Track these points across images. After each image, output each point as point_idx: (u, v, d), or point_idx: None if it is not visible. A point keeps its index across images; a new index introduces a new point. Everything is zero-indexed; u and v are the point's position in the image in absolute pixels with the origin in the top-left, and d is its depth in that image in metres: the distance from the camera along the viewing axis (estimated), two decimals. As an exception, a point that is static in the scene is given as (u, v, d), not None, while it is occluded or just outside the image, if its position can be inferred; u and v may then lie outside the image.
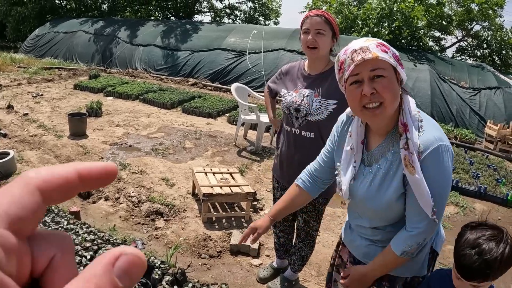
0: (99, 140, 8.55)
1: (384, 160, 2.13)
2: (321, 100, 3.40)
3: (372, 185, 2.18)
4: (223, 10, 33.77)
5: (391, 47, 1.97)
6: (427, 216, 1.99)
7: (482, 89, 13.94)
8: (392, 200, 2.11)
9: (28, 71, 16.57)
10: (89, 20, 23.59)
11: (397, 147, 2.04)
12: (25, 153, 7.50)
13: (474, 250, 2.00)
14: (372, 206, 2.21)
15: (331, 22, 3.36)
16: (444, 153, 1.95)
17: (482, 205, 7.47)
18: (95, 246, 4.39)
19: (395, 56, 1.95)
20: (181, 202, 6.08)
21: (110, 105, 11.81)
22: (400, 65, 1.95)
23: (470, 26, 25.15)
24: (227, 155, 8.38)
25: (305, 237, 4.05)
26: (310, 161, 3.18)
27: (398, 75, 1.98)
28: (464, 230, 2.14)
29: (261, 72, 15.77)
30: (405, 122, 1.95)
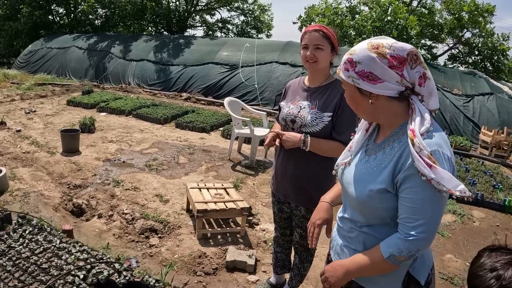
0: (92, 157, 8.49)
1: (382, 152, 2.19)
2: (317, 112, 3.45)
3: (362, 172, 2.26)
4: (215, 24, 33.91)
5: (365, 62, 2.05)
6: (424, 223, 1.97)
7: (475, 96, 14.01)
8: (373, 190, 2.13)
9: (21, 87, 16.56)
10: (82, 35, 23.62)
11: (396, 144, 2.12)
12: (18, 170, 7.44)
13: (492, 273, 1.85)
14: (355, 192, 2.25)
15: (330, 36, 3.38)
16: (441, 159, 1.95)
17: (479, 212, 7.45)
18: (89, 266, 4.33)
19: (363, 72, 2.05)
20: (176, 219, 6.02)
21: (103, 121, 11.77)
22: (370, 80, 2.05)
23: (461, 33, 25.28)
24: (221, 169, 8.33)
25: (302, 252, 4.02)
26: (303, 174, 3.50)
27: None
28: (482, 252, 1.97)
29: (254, 85, 15.77)
30: (413, 129, 1.99)
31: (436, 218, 2.00)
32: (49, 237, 4.85)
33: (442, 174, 1.89)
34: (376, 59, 2.02)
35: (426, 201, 1.96)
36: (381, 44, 2.05)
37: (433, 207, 1.97)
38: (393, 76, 2.02)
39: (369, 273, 2.21)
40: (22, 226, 5.07)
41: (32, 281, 4.04)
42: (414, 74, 2.04)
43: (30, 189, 6.67)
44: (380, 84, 2.04)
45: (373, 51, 2.03)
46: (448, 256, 5.72)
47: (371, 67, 2.03)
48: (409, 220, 2.00)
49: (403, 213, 2.03)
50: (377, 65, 2.02)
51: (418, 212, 1.97)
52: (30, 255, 4.46)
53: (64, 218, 5.93)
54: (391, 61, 2.01)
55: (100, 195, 6.66)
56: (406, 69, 2.03)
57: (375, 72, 2.03)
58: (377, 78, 2.04)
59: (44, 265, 4.30)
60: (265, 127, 9.46)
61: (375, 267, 2.14)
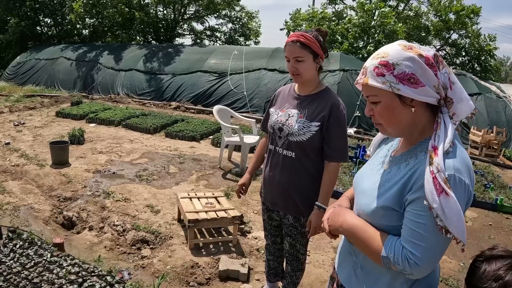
0: (82, 168, 8.45)
1: (397, 168, 2.05)
2: (304, 121, 3.39)
3: (373, 184, 2.12)
4: (203, 32, 33.92)
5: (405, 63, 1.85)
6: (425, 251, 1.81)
7: (464, 97, 14.08)
8: (378, 207, 2.01)
9: (10, 99, 16.49)
10: (70, 46, 23.60)
11: (412, 160, 1.98)
12: (7, 184, 7.39)
13: (497, 283, 1.77)
14: (361, 204, 2.16)
15: (310, 44, 3.26)
16: (455, 185, 1.77)
17: (472, 212, 7.49)
18: (80, 279, 4.30)
19: (404, 75, 1.85)
20: (167, 229, 5.99)
21: (92, 132, 11.73)
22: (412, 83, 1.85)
23: (448, 35, 25.44)
24: (212, 178, 8.32)
25: (292, 260, 3.96)
26: (289, 182, 3.48)
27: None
28: (477, 262, 1.90)
29: (243, 92, 15.79)
30: (435, 146, 1.84)
31: (437, 249, 1.84)
32: (40, 251, 4.82)
33: (450, 207, 1.72)
34: (416, 58, 1.84)
35: (431, 229, 1.80)
36: (413, 45, 1.91)
37: (436, 238, 1.81)
38: (432, 78, 1.84)
39: (357, 245, 2.12)
40: (13, 240, 5.03)
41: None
42: (444, 75, 1.88)
43: (20, 203, 6.63)
44: (421, 89, 1.85)
45: (410, 51, 1.87)
46: (443, 257, 5.73)
47: (412, 68, 1.84)
48: (411, 242, 1.83)
49: (405, 233, 1.88)
50: (417, 65, 1.84)
51: (419, 236, 1.82)
52: (21, 270, 4.43)
53: (55, 231, 5.90)
54: (428, 59, 1.85)
55: (91, 207, 6.63)
56: (438, 71, 1.87)
57: (417, 73, 1.84)
58: (419, 82, 1.84)
59: (35, 280, 4.27)
60: (255, 134, 9.46)
61: (367, 249, 2.02)
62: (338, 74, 15.18)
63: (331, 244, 5.92)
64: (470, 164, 1.87)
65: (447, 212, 1.71)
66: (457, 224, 1.75)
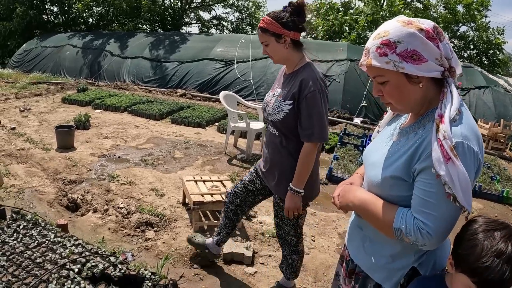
0: (87, 153, 8.44)
1: (405, 138, 2.05)
2: (280, 100, 3.42)
3: (382, 155, 2.13)
4: (210, 21, 33.87)
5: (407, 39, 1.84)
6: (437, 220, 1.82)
7: (471, 89, 14.02)
8: (387, 177, 2.02)
9: (16, 86, 16.47)
10: (77, 34, 23.59)
11: (420, 130, 1.98)
12: (12, 167, 7.37)
13: (500, 259, 1.68)
14: (371, 175, 2.17)
15: (267, 28, 3.28)
16: (464, 152, 1.77)
17: (477, 203, 7.46)
18: (83, 259, 4.28)
19: (406, 52, 1.84)
20: (172, 212, 5.97)
21: (98, 118, 11.71)
22: (415, 60, 1.84)
23: (456, 28, 25.28)
24: (217, 163, 8.29)
25: (284, 244, 4.01)
26: (273, 159, 3.59)
27: None
28: (473, 235, 1.80)
29: (250, 80, 15.73)
30: (442, 114, 1.83)
31: (448, 218, 1.83)
32: (43, 231, 4.80)
33: (458, 173, 1.72)
34: (416, 33, 1.82)
35: (440, 197, 1.80)
36: (412, 20, 1.88)
37: (447, 206, 1.80)
38: (434, 51, 1.83)
39: (367, 219, 2.14)
40: (16, 221, 5.01)
41: (26, 276, 3.99)
42: (445, 46, 1.88)
43: (25, 185, 6.61)
44: (424, 65, 1.84)
45: (410, 26, 1.85)
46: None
47: (413, 44, 1.83)
48: (422, 212, 1.85)
49: (416, 203, 1.89)
50: (418, 40, 1.83)
51: (430, 205, 1.82)
52: (24, 250, 4.41)
53: (59, 213, 5.88)
54: (428, 32, 1.84)
55: (95, 190, 6.61)
56: (439, 43, 1.86)
57: (418, 49, 1.82)
58: (421, 57, 1.83)
59: (38, 260, 4.24)
60: (261, 120, 9.39)
61: (377, 222, 2.04)
62: (345, 64, 15.10)
63: (336, 230, 5.90)
64: (478, 131, 1.88)
65: (454, 180, 1.71)
66: (465, 192, 1.74)
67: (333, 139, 10.35)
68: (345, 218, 6.31)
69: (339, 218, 6.29)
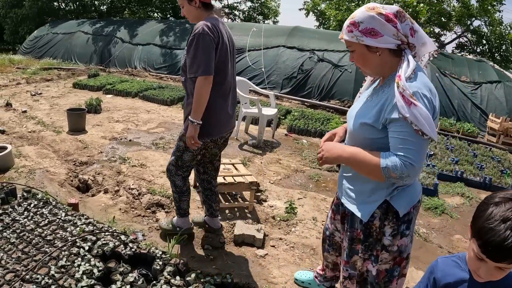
0: (98, 135, 8.44)
1: (376, 96, 2.70)
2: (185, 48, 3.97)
3: (359, 110, 2.78)
4: (222, 10, 33.72)
5: (367, 21, 2.49)
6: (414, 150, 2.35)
7: (483, 83, 13.86)
8: (362, 123, 2.66)
9: (27, 72, 16.49)
10: (88, 21, 23.54)
11: (386, 88, 2.60)
12: (23, 148, 7.38)
13: (505, 224, 1.71)
14: (350, 124, 2.81)
15: None
16: (420, 97, 2.35)
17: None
18: (94, 237, 4.27)
19: (366, 30, 2.50)
20: (183, 194, 5.94)
21: (109, 102, 11.72)
22: (372, 35, 2.49)
23: (469, 22, 25.05)
24: (228, 148, 8.22)
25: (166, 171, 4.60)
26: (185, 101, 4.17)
27: None
28: (486, 204, 1.84)
29: (261, 69, 15.66)
30: (399, 74, 2.41)
31: (422, 149, 2.38)
32: (54, 210, 4.80)
33: (419, 113, 2.27)
34: (375, 16, 2.47)
35: (412, 134, 2.34)
36: (376, 6, 2.50)
37: (419, 140, 2.35)
38: (390, 29, 2.47)
39: (358, 167, 2.64)
40: (27, 200, 5.02)
41: (36, 253, 3.99)
42: (405, 26, 2.52)
43: (36, 166, 6.62)
44: (381, 38, 2.49)
45: (371, 11, 2.48)
46: (457, 237, 5.67)
47: (372, 24, 2.48)
48: (401, 148, 2.38)
49: (395, 143, 2.42)
50: (377, 21, 2.47)
51: (407, 142, 2.36)
52: (35, 228, 4.41)
53: (70, 193, 5.88)
54: (387, 16, 2.46)
55: (106, 172, 6.61)
56: (398, 24, 2.49)
57: (376, 27, 2.48)
58: (378, 33, 2.48)
59: (48, 237, 4.25)
60: (273, 107, 9.37)
61: (367, 167, 2.53)
62: (356, 53, 15.00)
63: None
64: (430, 85, 2.47)
65: (418, 118, 2.28)
66: (429, 126, 2.30)
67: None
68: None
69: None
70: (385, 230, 2.73)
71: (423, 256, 5.08)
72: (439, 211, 6.36)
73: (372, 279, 2.88)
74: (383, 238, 2.75)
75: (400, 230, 2.71)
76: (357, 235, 2.88)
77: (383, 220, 2.72)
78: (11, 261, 3.86)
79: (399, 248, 2.75)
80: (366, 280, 2.96)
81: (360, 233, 2.84)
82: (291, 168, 7.52)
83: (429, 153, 8.89)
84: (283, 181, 6.92)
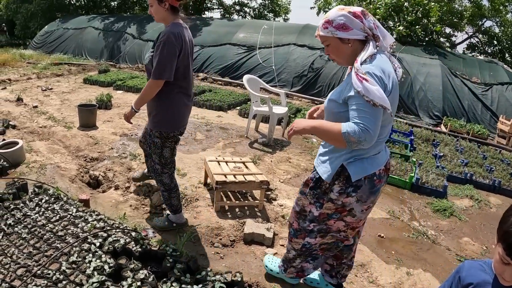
0: (109, 131, 8.48)
1: (344, 80, 3.17)
2: (151, 50, 4.40)
3: (332, 92, 3.25)
4: (232, 6, 33.73)
5: (339, 18, 2.97)
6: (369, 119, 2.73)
7: (494, 85, 13.82)
8: (330, 99, 3.17)
9: (37, 67, 16.57)
10: (98, 16, 23.64)
11: (350, 73, 3.02)
12: (34, 144, 7.42)
13: None
14: (326, 102, 3.28)
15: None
16: (371, 76, 2.78)
17: (496, 199, 7.38)
18: (105, 234, 4.29)
19: (338, 25, 2.97)
20: (193, 192, 5.97)
21: (120, 98, 11.75)
22: (344, 29, 2.97)
23: (480, 22, 24.94)
24: (238, 146, 8.27)
25: (152, 172, 4.94)
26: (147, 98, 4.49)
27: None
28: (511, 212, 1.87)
29: (272, 66, 15.68)
30: (357, 59, 2.90)
31: (375, 117, 2.75)
32: (65, 206, 4.82)
33: (370, 87, 2.70)
34: (346, 13, 2.95)
35: (366, 104, 2.73)
36: (345, 7, 3.00)
37: (371, 109, 2.73)
38: (358, 24, 2.95)
39: (323, 135, 3.02)
40: (38, 195, 5.04)
41: (47, 248, 4.01)
42: (369, 21, 2.99)
43: (47, 161, 6.65)
44: (351, 31, 2.97)
45: (342, 10, 2.97)
46: (465, 239, 5.67)
47: (343, 20, 2.96)
48: (357, 117, 2.76)
49: (353, 114, 2.81)
50: (347, 18, 2.95)
51: (362, 111, 2.75)
52: (46, 223, 4.43)
53: (81, 189, 5.90)
54: (355, 13, 2.95)
55: (117, 168, 6.63)
56: (364, 19, 2.96)
57: (347, 22, 2.95)
58: (348, 27, 2.96)
59: (60, 233, 4.27)
60: (284, 105, 9.37)
61: (330, 134, 2.90)
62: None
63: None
64: (386, 67, 2.93)
65: (370, 90, 2.70)
66: (380, 97, 2.71)
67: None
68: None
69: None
70: (334, 188, 3.24)
71: (431, 258, 5.09)
72: (448, 213, 6.36)
73: (312, 217, 3.50)
74: (331, 193, 3.28)
75: (347, 191, 3.20)
76: (308, 181, 3.51)
77: (334, 180, 3.24)
78: (22, 256, 3.88)
79: (343, 203, 3.27)
80: (305, 216, 3.56)
81: (310, 181, 3.47)
82: (301, 167, 7.52)
83: (438, 155, 8.87)
84: (293, 180, 6.92)
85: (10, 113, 9.46)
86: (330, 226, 3.50)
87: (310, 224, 3.54)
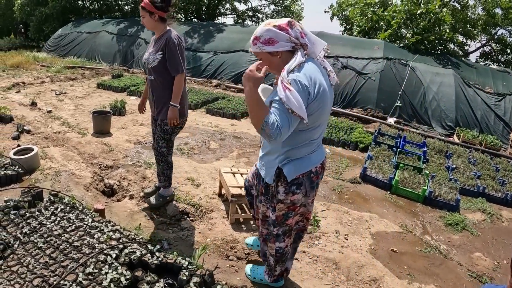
0: (123, 139, 8.52)
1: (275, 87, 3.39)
2: (154, 53, 5.04)
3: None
4: (245, 12, 33.73)
5: (265, 33, 3.16)
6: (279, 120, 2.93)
7: (507, 95, 13.72)
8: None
9: (51, 70, 16.68)
10: (112, 20, 23.73)
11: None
12: (49, 150, 7.47)
13: None
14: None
15: (144, 6, 4.89)
16: (296, 85, 2.98)
17: (508, 212, 7.33)
18: (121, 245, 4.31)
19: (265, 40, 3.17)
20: (208, 203, 6.00)
21: (134, 105, 11.75)
22: (271, 43, 3.16)
23: (494, 31, 24.83)
24: (252, 156, 8.28)
25: (157, 155, 5.56)
26: (155, 95, 5.23)
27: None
28: None
29: (285, 74, 15.66)
30: (284, 68, 3.09)
31: (290, 121, 2.97)
32: (81, 215, 4.85)
33: (290, 97, 2.90)
34: (271, 28, 3.15)
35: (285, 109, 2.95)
36: (271, 21, 3.19)
37: (288, 115, 2.96)
38: (283, 36, 3.15)
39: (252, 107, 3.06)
40: (54, 203, 5.08)
41: (63, 259, 4.04)
42: (295, 31, 3.19)
43: (61, 168, 6.69)
44: (277, 44, 3.17)
45: (268, 25, 3.17)
46: (477, 255, 5.64)
47: (269, 35, 3.16)
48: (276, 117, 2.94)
49: (274, 110, 3.00)
50: (272, 32, 3.15)
51: (279, 113, 2.96)
52: (62, 233, 4.47)
53: (95, 197, 5.94)
54: (280, 26, 3.15)
55: (132, 176, 6.66)
56: (290, 30, 3.16)
57: (272, 37, 3.16)
58: (274, 41, 3.16)
59: (76, 243, 4.29)
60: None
61: (257, 113, 3.01)
62: (381, 62, 14.87)
63: (368, 230, 5.87)
64: (314, 75, 3.12)
65: (290, 99, 2.90)
66: (298, 107, 2.91)
67: (367, 137, 10.27)
68: (378, 218, 6.30)
69: (372, 218, 6.26)
70: (279, 189, 3.49)
71: (443, 273, 5.09)
72: (460, 228, 6.34)
73: (272, 221, 3.73)
74: (278, 194, 3.51)
75: (291, 189, 3.45)
76: (260, 189, 3.78)
77: (276, 182, 3.50)
78: (38, 266, 3.91)
79: (292, 201, 3.52)
80: (268, 222, 3.84)
81: (262, 188, 3.73)
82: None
83: (451, 167, 8.82)
84: (306, 191, 6.89)
85: (25, 117, 9.54)
86: (290, 224, 3.77)
87: (274, 229, 3.79)
